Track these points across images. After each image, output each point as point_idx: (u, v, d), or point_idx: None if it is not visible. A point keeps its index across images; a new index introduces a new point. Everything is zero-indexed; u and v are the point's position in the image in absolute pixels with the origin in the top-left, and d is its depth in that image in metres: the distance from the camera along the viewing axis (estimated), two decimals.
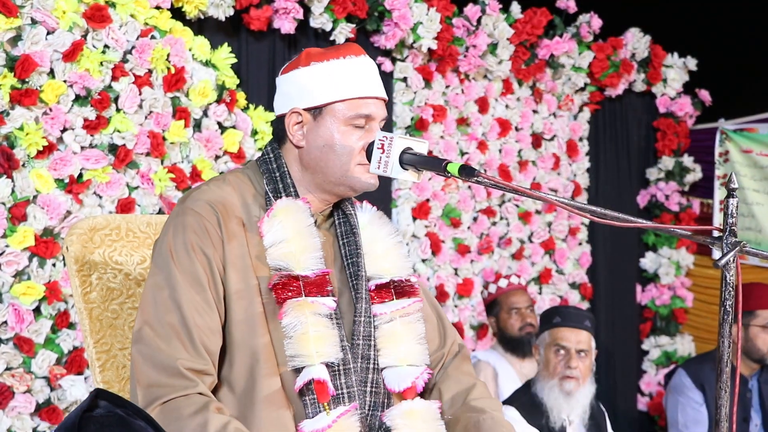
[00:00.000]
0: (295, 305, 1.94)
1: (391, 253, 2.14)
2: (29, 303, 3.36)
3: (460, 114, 4.81)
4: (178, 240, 1.96)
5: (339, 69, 2.04)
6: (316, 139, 2.04)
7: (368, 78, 2.05)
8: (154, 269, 1.98)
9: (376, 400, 2.04)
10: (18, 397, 3.36)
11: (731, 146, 5.54)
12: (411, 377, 2.07)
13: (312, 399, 1.94)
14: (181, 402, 1.86)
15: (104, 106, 3.52)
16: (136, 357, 1.91)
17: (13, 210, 3.35)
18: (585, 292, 5.34)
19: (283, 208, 2.01)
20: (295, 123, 2.07)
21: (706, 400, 4.14)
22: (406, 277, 2.14)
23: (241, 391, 1.96)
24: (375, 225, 2.17)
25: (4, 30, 3.29)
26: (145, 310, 1.95)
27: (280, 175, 2.07)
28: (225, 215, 1.99)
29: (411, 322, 2.11)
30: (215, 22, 3.94)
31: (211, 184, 2.07)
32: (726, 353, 1.73)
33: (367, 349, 2.05)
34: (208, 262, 1.95)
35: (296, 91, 2.07)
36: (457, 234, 4.80)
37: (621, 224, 1.79)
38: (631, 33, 5.42)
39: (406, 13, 4.36)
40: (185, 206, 2.00)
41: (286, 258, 1.97)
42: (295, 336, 1.93)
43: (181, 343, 1.90)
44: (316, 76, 2.04)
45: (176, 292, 1.92)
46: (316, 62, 2.05)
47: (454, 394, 2.13)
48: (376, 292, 2.10)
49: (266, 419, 1.93)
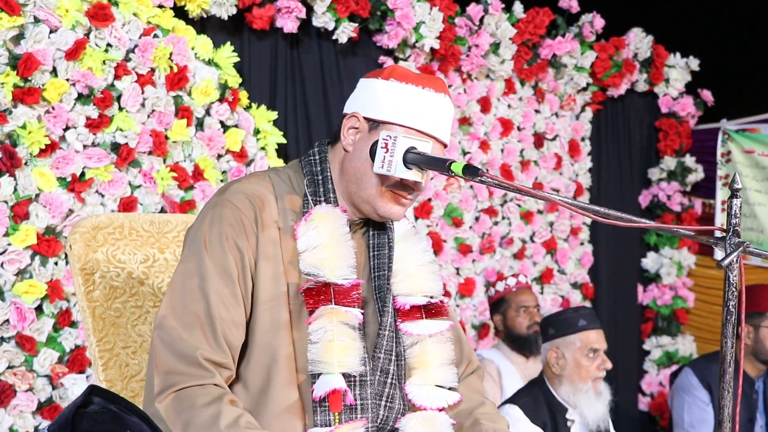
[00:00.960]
0: (325, 312, 1.94)
1: (423, 271, 2.13)
2: (31, 301, 3.36)
3: (463, 113, 4.81)
4: (214, 231, 1.96)
5: (413, 95, 2.01)
6: (362, 149, 2.02)
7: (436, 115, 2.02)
8: (187, 256, 1.97)
9: (389, 414, 2.05)
10: (20, 395, 3.37)
11: (733, 146, 5.53)
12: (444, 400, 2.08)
13: (324, 407, 1.93)
14: (196, 391, 1.85)
15: (107, 105, 3.52)
16: (157, 342, 1.91)
17: (16, 208, 3.35)
18: (587, 292, 5.34)
19: (321, 214, 1.99)
20: (352, 127, 2.05)
21: (713, 400, 4.14)
22: (439, 298, 2.14)
23: (256, 390, 1.96)
24: (409, 241, 2.16)
25: (6, 28, 3.29)
26: (172, 296, 1.94)
27: (323, 178, 2.06)
28: (262, 212, 1.98)
29: (442, 343, 2.11)
30: (218, 21, 3.94)
31: (251, 177, 2.06)
32: (729, 354, 1.73)
33: (387, 363, 2.04)
34: (240, 256, 1.95)
35: (366, 98, 2.05)
36: (459, 233, 4.80)
37: (624, 224, 1.78)
38: (634, 33, 5.42)
39: (409, 12, 4.36)
40: (224, 197, 2.00)
41: (319, 264, 1.96)
42: (321, 342, 1.93)
43: (203, 334, 1.89)
44: (389, 92, 2.01)
45: (205, 282, 1.92)
46: (396, 80, 2.02)
47: (460, 409, 2.14)
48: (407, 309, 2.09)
49: (277, 425, 1.93)
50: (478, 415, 2.12)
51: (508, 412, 3.48)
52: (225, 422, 1.80)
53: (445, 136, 2.05)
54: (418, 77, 2.04)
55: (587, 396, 3.46)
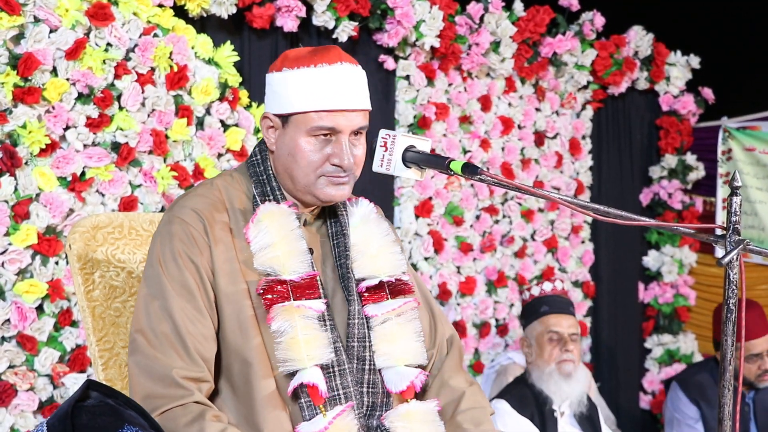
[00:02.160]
0: (282, 310, 1.95)
1: (384, 251, 2.13)
2: (32, 301, 3.36)
3: (463, 112, 4.81)
4: (166, 249, 1.97)
5: (308, 79, 2.00)
6: (283, 147, 2.04)
7: (337, 89, 2.00)
8: (146, 278, 1.99)
9: (374, 401, 2.04)
10: (21, 395, 3.37)
11: (734, 144, 5.53)
12: (408, 379, 2.07)
13: (307, 402, 1.94)
14: (177, 412, 1.87)
15: (107, 104, 3.52)
16: (133, 368, 1.92)
17: (16, 208, 3.35)
18: (588, 291, 5.34)
19: (267, 213, 2.00)
20: (269, 127, 2.07)
21: (702, 414, 4.15)
22: (399, 276, 2.13)
23: (242, 393, 1.96)
24: (369, 223, 2.15)
25: (6, 28, 3.29)
26: (138, 320, 1.95)
27: (267, 177, 2.08)
28: (211, 221, 1.99)
29: (406, 320, 2.11)
30: (218, 20, 3.94)
31: (198, 189, 2.07)
32: (729, 351, 1.73)
33: (362, 351, 2.05)
34: (196, 269, 1.96)
35: (270, 95, 2.07)
36: (460, 232, 4.80)
37: (624, 222, 1.79)
38: (634, 31, 5.42)
39: (409, 11, 4.36)
40: (172, 215, 2.01)
41: (272, 263, 1.97)
42: (285, 340, 1.94)
43: (175, 352, 1.90)
44: (285, 83, 2.02)
45: (167, 301, 1.93)
46: (287, 68, 2.03)
47: (444, 405, 2.13)
48: (370, 292, 2.09)
49: (268, 419, 1.93)
50: (459, 417, 2.11)
51: (496, 406, 3.54)
52: None
53: (359, 102, 2.02)
54: (310, 56, 2.03)
55: (553, 378, 3.56)
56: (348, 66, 2.05)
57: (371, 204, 2.21)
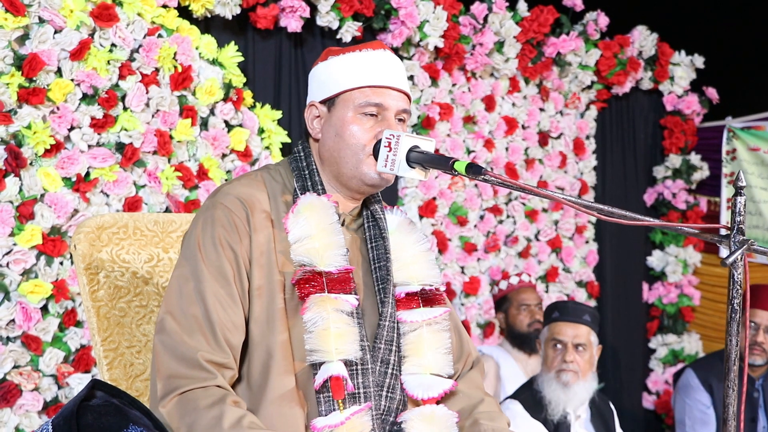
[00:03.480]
0: (317, 300, 1.95)
1: (419, 260, 2.14)
2: (37, 301, 3.37)
3: (467, 112, 4.81)
4: (207, 234, 1.98)
5: (353, 61, 2.06)
6: (329, 130, 2.06)
7: (382, 69, 2.05)
8: (182, 261, 1.99)
9: (390, 405, 2.05)
10: (26, 395, 3.37)
11: (738, 144, 5.52)
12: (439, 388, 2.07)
13: (327, 396, 1.94)
14: (198, 393, 1.86)
15: (111, 105, 3.53)
16: (158, 347, 1.92)
17: (21, 208, 3.35)
18: (592, 291, 5.34)
19: (307, 204, 2.01)
20: (314, 117, 2.10)
21: (714, 402, 4.13)
22: (435, 286, 2.14)
23: (256, 387, 1.96)
24: (403, 231, 2.16)
25: (11, 29, 3.30)
26: (169, 300, 1.95)
27: (309, 172, 2.08)
28: (253, 210, 2.00)
29: (438, 331, 2.11)
30: (222, 21, 3.95)
31: (242, 179, 2.08)
32: (734, 351, 1.72)
33: (387, 354, 2.05)
34: (234, 257, 1.96)
35: (315, 86, 2.11)
36: (464, 232, 4.80)
37: (628, 222, 1.78)
38: (638, 31, 5.41)
39: (413, 11, 4.36)
40: (215, 200, 2.02)
41: (309, 254, 1.97)
42: (316, 331, 1.93)
43: (203, 336, 1.90)
44: (332, 69, 2.07)
45: (201, 284, 1.93)
46: (333, 56, 2.09)
47: (461, 408, 2.13)
48: (404, 299, 2.10)
49: (275, 416, 1.93)
50: (477, 414, 2.11)
51: (509, 407, 3.52)
52: (228, 423, 1.81)
53: (401, 83, 2.07)
54: (353, 46, 2.10)
55: (551, 386, 3.50)
56: (390, 53, 2.11)
57: (405, 213, 2.23)
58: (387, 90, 2.04)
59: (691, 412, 4.17)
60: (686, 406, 4.18)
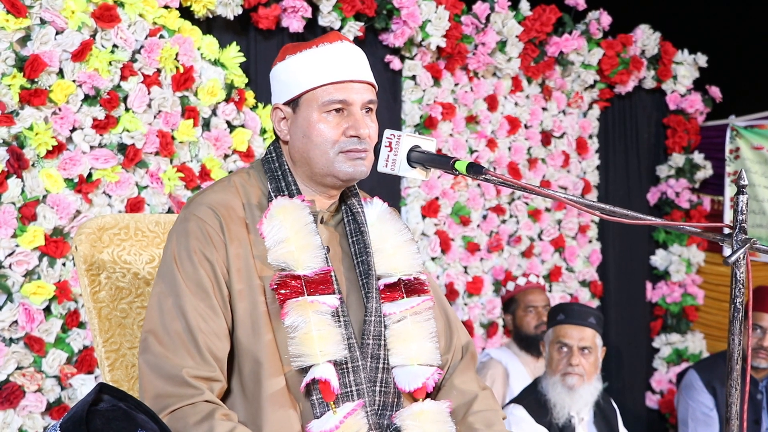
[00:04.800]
0: (296, 305, 1.94)
1: (401, 250, 2.12)
2: (39, 302, 3.37)
3: (469, 112, 4.80)
4: (182, 247, 1.97)
5: (312, 58, 2.03)
6: (296, 131, 2.05)
7: (342, 62, 2.02)
8: (159, 277, 1.99)
9: (385, 400, 2.03)
10: (29, 396, 3.37)
11: (742, 143, 5.51)
12: (422, 377, 2.05)
13: (319, 399, 1.93)
14: (187, 411, 1.86)
15: (113, 106, 3.53)
16: (143, 367, 1.92)
17: (23, 210, 3.35)
18: (595, 290, 5.33)
19: (280, 208, 2.00)
20: (280, 119, 2.09)
21: (717, 404, 4.12)
22: (416, 275, 2.12)
23: (251, 393, 1.96)
24: (385, 222, 2.15)
25: (13, 30, 3.30)
26: (150, 318, 1.95)
27: (282, 173, 2.07)
28: (227, 218, 1.99)
29: (422, 320, 2.09)
30: (224, 21, 3.95)
31: (215, 186, 2.07)
32: (736, 351, 1.72)
33: (377, 349, 2.04)
34: (211, 267, 1.95)
35: (277, 88, 2.10)
36: (467, 232, 4.79)
37: (631, 221, 1.78)
38: (641, 30, 5.40)
39: (415, 11, 4.35)
40: (188, 212, 2.01)
41: (286, 258, 1.96)
42: (298, 335, 1.92)
43: (186, 351, 1.90)
44: (291, 69, 2.05)
45: (181, 299, 1.93)
46: (290, 55, 2.06)
47: (456, 407, 2.12)
48: (386, 290, 2.09)
49: (273, 419, 1.92)
50: (471, 418, 2.09)
51: (513, 412, 3.49)
52: None
53: (362, 74, 2.04)
54: (310, 42, 2.08)
55: (557, 389, 3.48)
56: (348, 44, 2.08)
57: (385, 204, 2.20)
58: (349, 84, 2.01)
59: (693, 414, 4.16)
60: (689, 408, 4.17)
